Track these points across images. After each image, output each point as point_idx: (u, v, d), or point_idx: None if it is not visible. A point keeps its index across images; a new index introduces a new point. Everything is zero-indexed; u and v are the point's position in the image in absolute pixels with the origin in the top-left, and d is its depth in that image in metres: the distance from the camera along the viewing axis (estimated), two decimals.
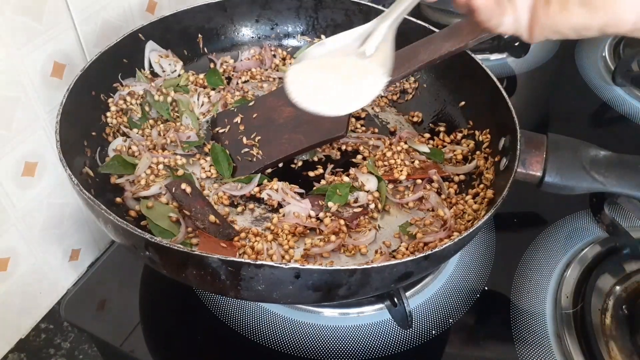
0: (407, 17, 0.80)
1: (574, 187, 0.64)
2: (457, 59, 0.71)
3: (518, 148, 0.63)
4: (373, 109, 0.86)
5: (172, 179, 0.68)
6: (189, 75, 0.83)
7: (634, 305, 0.65)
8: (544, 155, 0.65)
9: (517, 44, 1.02)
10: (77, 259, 0.87)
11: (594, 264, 0.70)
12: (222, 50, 0.89)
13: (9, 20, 0.64)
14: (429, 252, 0.52)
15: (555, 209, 0.78)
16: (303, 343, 0.63)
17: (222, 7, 0.86)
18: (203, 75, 0.85)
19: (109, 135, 0.73)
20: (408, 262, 0.50)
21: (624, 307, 0.65)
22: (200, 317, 0.66)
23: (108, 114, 0.74)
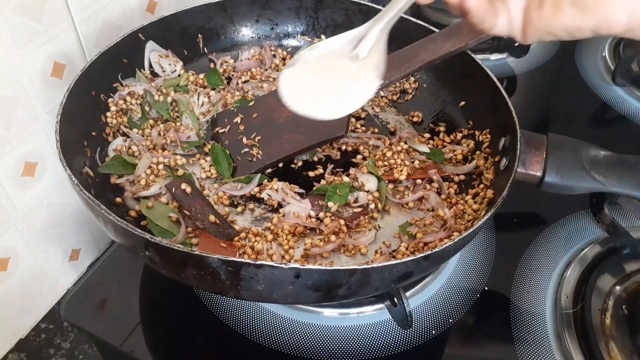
0: (407, 17, 0.82)
1: (574, 187, 0.64)
2: (457, 59, 0.71)
3: (518, 148, 0.63)
4: (373, 109, 0.86)
5: (172, 179, 0.68)
6: (189, 75, 0.83)
7: (634, 305, 0.65)
8: (544, 155, 0.65)
9: (517, 44, 1.02)
10: (77, 259, 0.87)
11: (594, 264, 0.70)
12: (222, 50, 0.89)
13: (9, 20, 0.64)
14: (429, 252, 0.52)
15: (555, 209, 0.78)
16: (303, 343, 0.63)
17: (222, 7, 0.86)
18: (203, 75, 0.85)
19: (109, 135, 0.73)
20: (408, 262, 0.50)
21: (624, 307, 0.65)
22: (200, 317, 0.66)
23: (108, 114, 0.74)
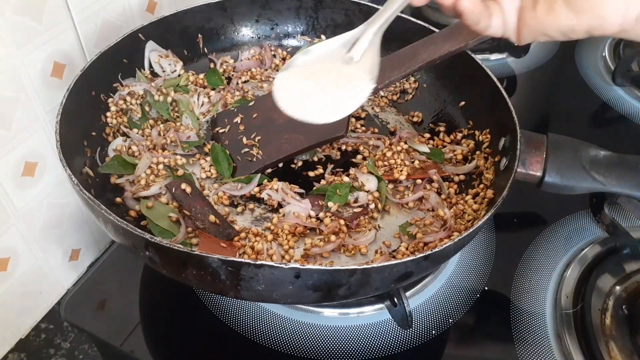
0: (407, 17, 0.82)
1: (574, 187, 0.64)
2: (457, 59, 0.71)
3: (518, 148, 0.63)
4: (373, 109, 0.86)
5: (172, 179, 0.68)
6: (189, 75, 0.83)
7: (634, 305, 0.65)
8: (544, 155, 0.65)
9: (516, 44, 1.02)
10: (77, 259, 0.87)
11: (594, 264, 0.70)
12: (222, 50, 0.89)
13: (9, 20, 0.64)
14: (429, 252, 0.52)
15: (555, 209, 0.78)
16: (303, 343, 0.63)
17: (222, 7, 0.86)
18: (203, 75, 0.85)
19: (109, 135, 0.73)
20: (408, 262, 0.50)
21: (624, 307, 0.65)
22: (200, 317, 0.66)
23: (108, 114, 0.74)
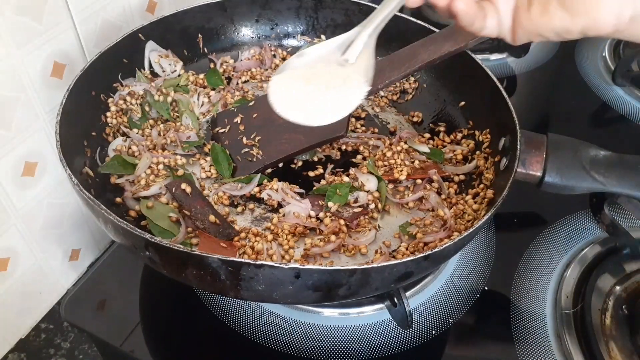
0: (407, 17, 0.82)
1: (574, 187, 0.64)
2: (457, 59, 0.71)
3: (518, 148, 0.63)
4: (373, 109, 0.86)
5: (172, 179, 0.68)
6: (189, 75, 0.83)
7: (634, 305, 0.65)
8: (544, 155, 0.65)
9: (512, 44, 1.02)
10: (77, 259, 0.87)
11: (594, 264, 0.70)
12: (222, 50, 0.89)
13: (9, 20, 0.64)
14: (429, 252, 0.52)
15: (555, 209, 0.78)
16: (303, 343, 0.63)
17: (222, 7, 0.86)
18: (203, 75, 0.85)
19: (109, 135, 0.73)
20: (408, 262, 0.50)
21: (624, 307, 0.65)
22: (200, 317, 0.66)
23: (108, 114, 0.74)
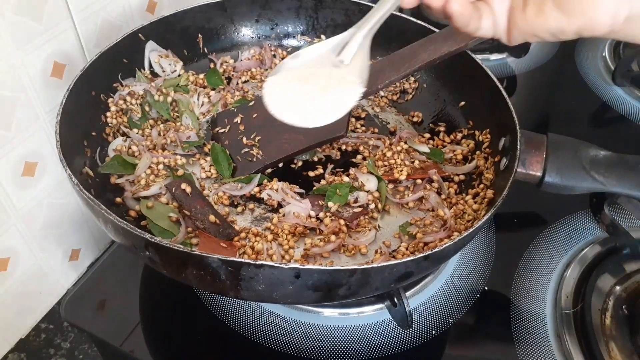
0: (407, 17, 0.82)
1: (574, 187, 0.64)
2: (457, 59, 0.71)
3: (518, 148, 0.63)
4: (373, 109, 0.86)
5: (172, 179, 0.68)
6: (189, 75, 0.83)
7: (634, 305, 0.65)
8: (544, 155, 0.65)
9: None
10: (77, 259, 0.87)
11: (594, 264, 0.70)
12: (222, 50, 0.89)
13: (9, 20, 0.64)
14: (429, 252, 0.52)
15: (555, 209, 0.78)
16: (303, 343, 0.63)
17: (222, 7, 0.86)
18: (203, 75, 0.85)
19: (109, 135, 0.73)
20: (408, 262, 0.50)
21: (624, 307, 0.65)
22: (200, 317, 0.66)
23: (108, 114, 0.74)
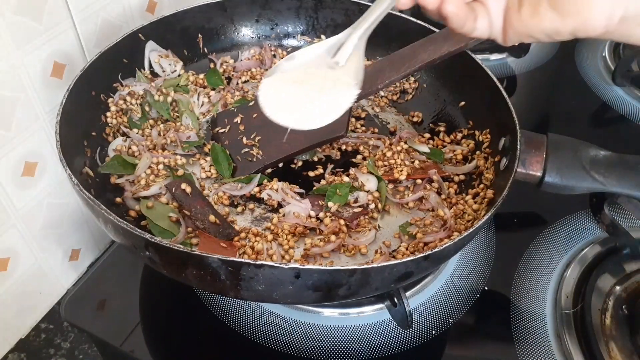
0: (407, 17, 0.82)
1: (574, 187, 0.64)
2: (457, 59, 0.71)
3: (518, 148, 0.63)
4: (373, 109, 0.86)
5: (172, 179, 0.68)
6: (189, 75, 0.83)
7: (634, 305, 0.65)
8: (544, 155, 0.65)
9: (516, 44, 1.02)
10: (77, 259, 0.87)
11: (594, 264, 0.70)
12: (222, 50, 0.89)
13: (9, 20, 0.64)
14: (429, 252, 0.52)
15: (555, 209, 0.78)
16: (303, 343, 0.63)
17: (222, 7, 0.86)
18: (203, 75, 0.85)
19: (109, 135, 0.73)
20: (408, 262, 0.50)
21: (624, 307, 0.65)
22: (200, 317, 0.66)
23: (108, 114, 0.74)
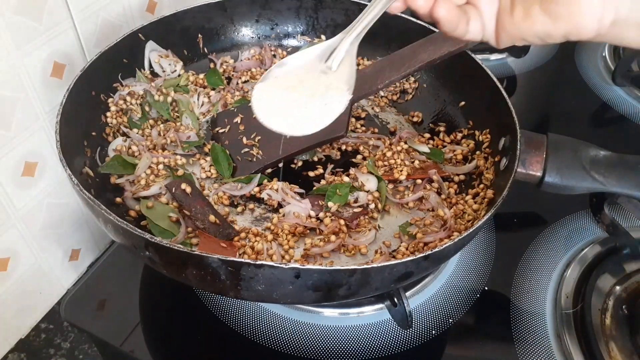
0: (407, 17, 0.82)
1: (574, 187, 0.64)
2: (457, 59, 0.71)
3: (518, 148, 0.63)
4: (373, 109, 0.86)
5: (172, 179, 0.68)
6: (189, 75, 0.83)
7: (634, 305, 0.65)
8: (544, 155, 0.65)
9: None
10: (77, 259, 0.87)
11: (594, 264, 0.70)
12: (222, 50, 0.89)
13: (9, 20, 0.64)
14: (429, 252, 0.52)
15: (555, 209, 0.78)
16: (303, 343, 0.63)
17: (222, 7, 0.86)
18: (203, 75, 0.85)
19: (109, 135, 0.73)
20: (408, 262, 0.50)
21: (624, 307, 0.65)
22: (200, 317, 0.66)
23: (108, 114, 0.74)
